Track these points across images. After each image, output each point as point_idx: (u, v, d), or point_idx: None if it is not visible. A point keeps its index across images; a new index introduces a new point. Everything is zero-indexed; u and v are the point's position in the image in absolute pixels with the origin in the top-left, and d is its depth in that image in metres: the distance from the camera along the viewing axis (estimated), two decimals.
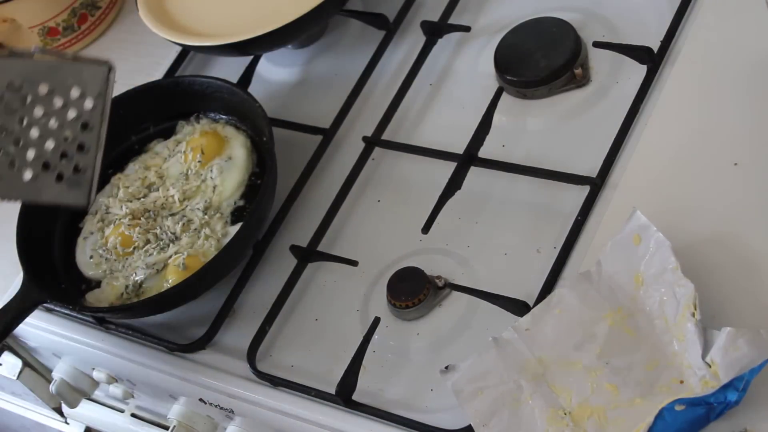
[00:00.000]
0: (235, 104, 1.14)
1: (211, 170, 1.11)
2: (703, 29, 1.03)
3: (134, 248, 1.07)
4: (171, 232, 1.07)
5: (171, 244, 1.06)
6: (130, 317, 1.07)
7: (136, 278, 1.05)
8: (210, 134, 1.13)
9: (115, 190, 1.13)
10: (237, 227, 1.06)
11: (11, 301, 1.02)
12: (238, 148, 1.12)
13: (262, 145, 1.12)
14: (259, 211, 1.04)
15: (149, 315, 1.06)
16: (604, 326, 0.86)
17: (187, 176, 1.11)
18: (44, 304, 1.07)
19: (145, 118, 1.18)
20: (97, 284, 1.08)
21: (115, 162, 1.17)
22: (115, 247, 1.08)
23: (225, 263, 1.03)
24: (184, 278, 1.01)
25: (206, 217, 1.07)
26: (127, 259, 1.07)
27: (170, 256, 1.05)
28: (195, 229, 1.06)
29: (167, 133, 1.18)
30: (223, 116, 1.16)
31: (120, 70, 1.31)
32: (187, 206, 1.09)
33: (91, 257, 1.10)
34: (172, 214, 1.09)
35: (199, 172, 1.11)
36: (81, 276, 1.10)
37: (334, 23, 1.23)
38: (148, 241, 1.07)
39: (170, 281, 1.03)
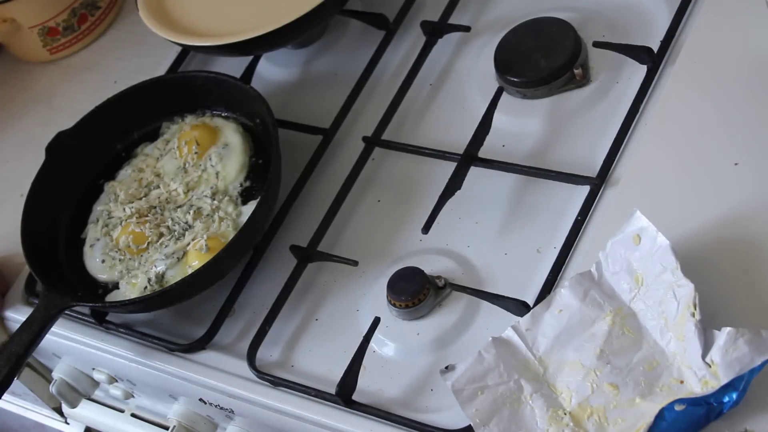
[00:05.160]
0: (220, 94, 1.15)
1: (210, 158, 1.11)
2: (703, 29, 1.03)
3: (148, 243, 1.08)
4: (183, 222, 1.08)
5: (186, 233, 1.07)
6: (161, 305, 1.06)
7: (157, 270, 1.05)
8: (201, 126, 1.14)
9: (113, 196, 1.14)
10: (250, 205, 1.07)
11: (34, 311, 1.02)
12: (231, 134, 1.13)
13: (256, 128, 1.13)
14: (276, 174, 1.04)
15: (180, 301, 1.05)
16: (604, 326, 0.86)
17: (185, 169, 1.12)
18: (68, 310, 1.06)
19: (127, 124, 1.18)
20: (115, 287, 1.08)
21: (104, 172, 1.17)
22: (128, 245, 1.08)
23: (252, 234, 1.04)
24: (208, 260, 1.01)
25: (216, 202, 1.08)
26: (142, 255, 1.08)
27: (188, 243, 1.06)
28: (207, 215, 1.07)
29: (152, 137, 1.18)
30: (208, 109, 1.16)
31: (120, 70, 1.33)
32: (192, 196, 1.09)
33: (103, 261, 1.10)
34: (179, 206, 1.09)
35: (197, 163, 1.12)
36: (95, 283, 1.10)
37: (334, 23, 1.23)
38: (161, 234, 1.08)
39: (194, 265, 1.04)
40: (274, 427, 1.01)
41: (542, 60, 1.06)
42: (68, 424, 1.32)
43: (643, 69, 1.03)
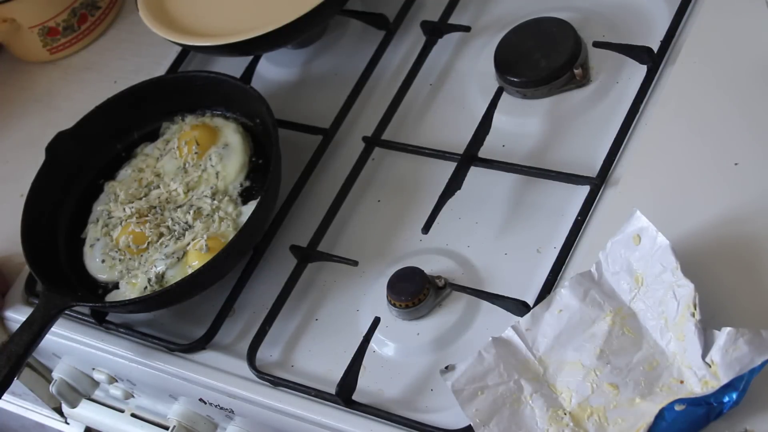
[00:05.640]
0: (220, 94, 1.15)
1: (210, 159, 1.11)
2: (703, 29, 1.02)
3: (148, 243, 1.08)
4: (183, 222, 1.08)
5: (186, 233, 1.07)
6: (161, 305, 1.06)
7: (157, 270, 1.05)
8: (201, 126, 1.14)
9: (113, 196, 1.14)
10: (250, 205, 1.07)
11: (34, 311, 1.02)
12: (231, 134, 1.13)
13: (256, 128, 1.13)
14: (276, 174, 1.04)
15: (180, 301, 1.05)
16: (604, 326, 0.86)
17: (185, 169, 1.12)
18: (68, 310, 1.06)
19: (128, 124, 1.18)
20: (115, 287, 1.08)
21: (104, 172, 1.17)
22: (127, 245, 1.08)
23: (252, 234, 1.04)
24: (208, 260, 1.01)
25: (216, 202, 1.08)
26: (142, 255, 1.08)
27: (188, 243, 1.06)
28: (207, 215, 1.07)
29: (152, 137, 1.18)
30: (208, 109, 1.16)
31: (120, 70, 1.33)
32: (192, 196, 1.09)
33: (103, 261, 1.10)
34: (179, 206, 1.09)
35: (197, 164, 1.12)
36: (95, 284, 1.10)
37: (334, 23, 1.23)
38: (161, 234, 1.08)
39: (194, 265, 1.04)
40: (274, 427, 1.01)
41: (542, 60, 1.06)
42: (68, 424, 1.32)
43: (643, 69, 1.03)
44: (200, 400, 1.05)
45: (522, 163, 1.03)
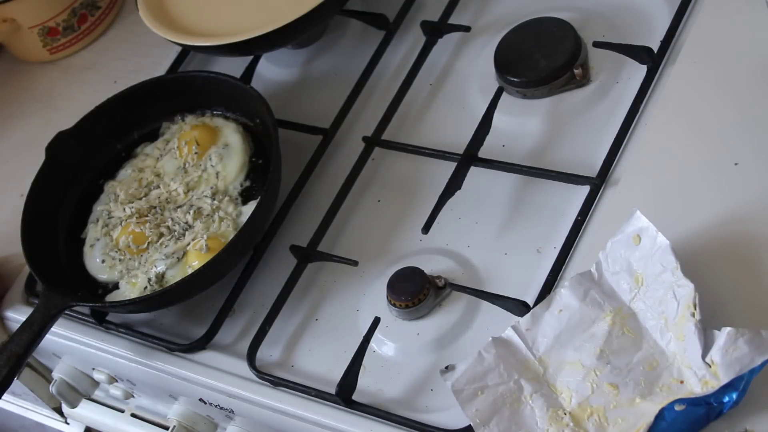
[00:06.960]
0: (220, 94, 1.15)
1: (210, 159, 1.11)
2: (703, 29, 1.03)
3: (148, 243, 1.08)
4: (183, 222, 1.08)
5: (186, 233, 1.07)
6: (161, 305, 1.06)
7: (157, 270, 1.05)
8: (201, 126, 1.14)
9: (113, 196, 1.14)
10: (250, 205, 1.07)
11: (34, 311, 1.02)
12: (231, 134, 1.13)
13: (256, 128, 1.13)
14: (276, 174, 1.04)
15: (180, 301, 1.05)
16: (604, 326, 0.86)
17: (185, 169, 1.12)
18: (68, 310, 1.06)
19: (127, 124, 1.18)
20: (115, 287, 1.08)
21: (104, 172, 1.17)
22: (128, 245, 1.08)
23: (252, 234, 1.04)
24: (208, 260, 1.01)
25: (216, 202, 1.08)
26: (142, 255, 1.08)
27: (188, 243, 1.06)
28: (207, 215, 1.07)
29: (152, 137, 1.18)
30: (208, 109, 1.16)
31: (120, 70, 1.33)
32: (192, 196, 1.09)
33: (103, 261, 1.10)
34: (179, 206, 1.09)
35: (197, 164, 1.12)
36: (95, 284, 1.10)
37: (334, 23, 1.23)
38: (161, 234, 1.08)
39: (194, 265, 1.04)
40: (274, 427, 1.01)
41: (542, 60, 1.06)
42: (68, 424, 1.32)
43: (643, 69, 1.03)
44: (200, 400, 1.05)
45: (522, 163, 1.03)
